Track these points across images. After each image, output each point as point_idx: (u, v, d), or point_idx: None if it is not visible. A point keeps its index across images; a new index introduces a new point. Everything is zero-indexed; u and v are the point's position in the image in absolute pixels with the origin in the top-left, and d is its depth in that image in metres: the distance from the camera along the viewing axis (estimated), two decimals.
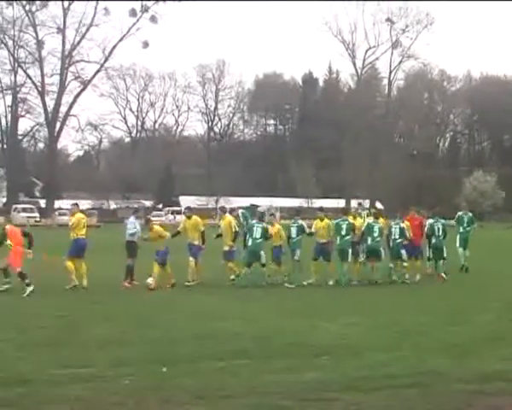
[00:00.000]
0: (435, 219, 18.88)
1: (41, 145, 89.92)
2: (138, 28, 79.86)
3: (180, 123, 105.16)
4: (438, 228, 18.44)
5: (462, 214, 21.27)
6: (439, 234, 18.40)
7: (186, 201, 74.48)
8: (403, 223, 17.97)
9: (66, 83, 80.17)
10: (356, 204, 40.66)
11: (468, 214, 21.29)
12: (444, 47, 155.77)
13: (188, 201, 74.07)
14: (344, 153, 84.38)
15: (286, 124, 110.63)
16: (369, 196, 78.81)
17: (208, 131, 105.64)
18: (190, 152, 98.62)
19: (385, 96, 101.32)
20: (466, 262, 20.11)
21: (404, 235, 17.64)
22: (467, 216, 21.14)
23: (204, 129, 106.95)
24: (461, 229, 20.71)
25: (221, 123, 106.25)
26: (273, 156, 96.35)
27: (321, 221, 17.59)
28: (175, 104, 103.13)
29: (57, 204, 73.55)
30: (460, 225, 20.80)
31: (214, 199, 74.72)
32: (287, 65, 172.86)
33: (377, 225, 17.55)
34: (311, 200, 75.09)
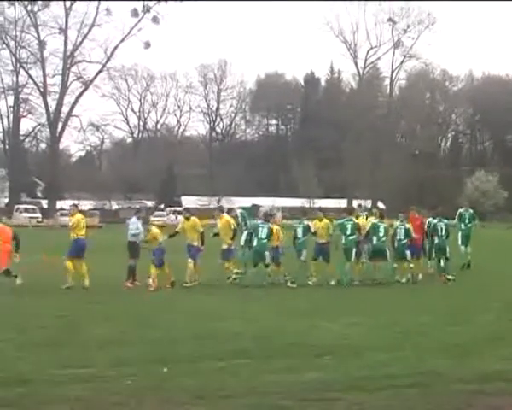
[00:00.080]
0: (438, 218, 18.88)
1: (43, 146, 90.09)
2: (140, 28, 79.76)
3: (182, 123, 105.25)
4: (441, 228, 18.41)
5: (463, 211, 21.37)
6: (443, 234, 18.37)
7: (188, 201, 74.47)
8: (408, 224, 18.01)
9: (68, 83, 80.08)
10: (356, 205, 40.69)
11: (469, 211, 21.40)
12: (446, 47, 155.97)
13: (190, 201, 74.09)
14: (346, 153, 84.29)
15: (288, 124, 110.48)
16: (371, 196, 78.85)
17: (210, 131, 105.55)
18: (192, 152, 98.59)
19: (387, 95, 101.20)
20: (469, 257, 20.21)
21: (410, 235, 17.69)
22: (468, 213, 21.24)
23: (206, 129, 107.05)
24: (462, 226, 20.82)
25: (223, 123, 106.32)
26: (275, 156, 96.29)
27: (320, 221, 17.65)
28: (177, 104, 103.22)
29: (59, 204, 73.49)
30: (461, 222, 20.89)
31: (216, 199, 74.65)
32: (288, 65, 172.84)
33: (383, 225, 17.60)
34: (313, 200, 75.02)
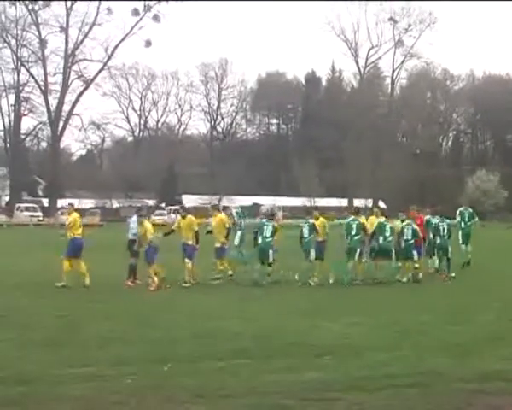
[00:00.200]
0: (440, 218, 18.93)
1: (44, 144, 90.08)
2: (141, 27, 80.00)
3: (183, 122, 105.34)
4: (443, 228, 18.43)
5: (462, 210, 21.57)
6: (445, 234, 18.40)
7: (189, 200, 74.54)
8: (415, 224, 18.02)
9: (69, 82, 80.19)
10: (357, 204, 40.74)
11: (469, 210, 21.65)
12: (447, 46, 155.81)
13: (190, 200, 74.17)
14: (347, 152, 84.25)
15: (289, 123, 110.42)
16: (372, 196, 78.84)
17: (211, 130, 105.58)
18: (193, 151, 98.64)
19: (387, 95, 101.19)
20: (469, 256, 20.36)
21: (418, 236, 17.72)
22: (467, 211, 21.46)
23: (207, 128, 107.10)
24: (462, 224, 21.01)
25: (224, 122, 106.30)
26: (276, 155, 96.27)
27: (316, 220, 17.71)
28: (178, 103, 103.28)
29: (60, 203, 73.44)
30: (461, 221, 21.06)
31: (217, 198, 74.60)
32: (289, 64, 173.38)
33: (389, 225, 17.58)
34: (314, 199, 75.02)
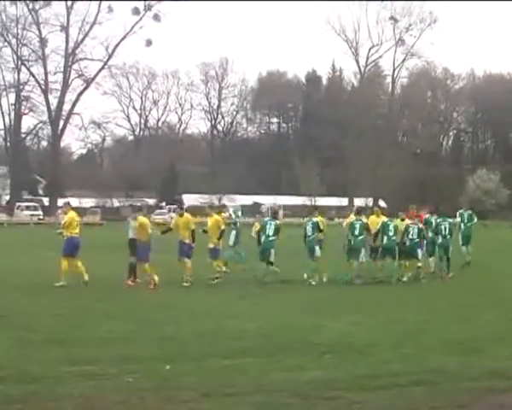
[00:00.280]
0: (442, 218, 18.98)
1: (44, 143, 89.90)
2: (141, 26, 79.79)
3: (183, 121, 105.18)
4: (444, 228, 18.46)
5: (462, 211, 22.00)
6: (446, 233, 18.42)
7: (189, 199, 74.52)
8: (421, 223, 18.02)
9: (69, 81, 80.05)
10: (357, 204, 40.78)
11: (468, 211, 21.95)
12: (447, 45, 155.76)
13: (191, 199, 74.14)
14: (347, 151, 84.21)
15: (289, 122, 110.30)
16: (373, 195, 78.85)
17: (211, 129, 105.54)
18: (193, 150, 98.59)
19: (388, 94, 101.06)
20: (470, 257, 20.55)
21: (423, 235, 17.72)
22: (466, 213, 21.79)
23: (207, 127, 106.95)
24: (462, 226, 21.25)
25: (224, 121, 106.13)
26: (276, 154, 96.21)
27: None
28: (178, 102, 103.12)
29: (60, 202, 73.28)
30: (461, 222, 21.34)
31: (218, 197, 74.62)
32: (290, 63, 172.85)
33: (392, 224, 17.57)
34: (315, 198, 75.02)
